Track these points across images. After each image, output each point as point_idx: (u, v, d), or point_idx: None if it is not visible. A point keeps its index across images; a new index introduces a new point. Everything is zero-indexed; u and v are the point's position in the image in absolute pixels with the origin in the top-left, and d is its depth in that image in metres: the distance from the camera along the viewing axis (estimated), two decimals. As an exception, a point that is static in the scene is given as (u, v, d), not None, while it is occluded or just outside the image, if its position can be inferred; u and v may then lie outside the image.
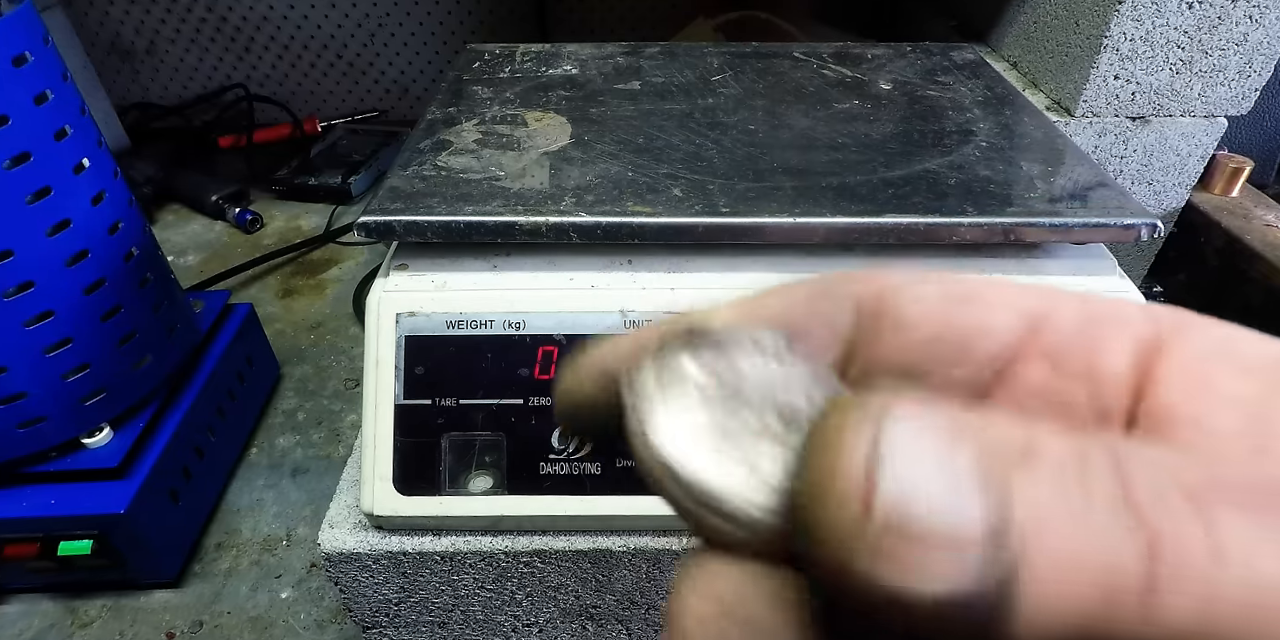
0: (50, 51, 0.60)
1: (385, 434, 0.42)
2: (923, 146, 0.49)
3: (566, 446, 0.42)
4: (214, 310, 0.84)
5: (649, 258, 0.44)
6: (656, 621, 0.49)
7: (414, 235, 0.42)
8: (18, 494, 0.64)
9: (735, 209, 0.42)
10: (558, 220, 0.41)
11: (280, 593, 0.72)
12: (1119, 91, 0.75)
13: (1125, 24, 0.70)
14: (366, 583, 0.46)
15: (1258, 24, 0.71)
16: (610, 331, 0.42)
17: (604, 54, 0.64)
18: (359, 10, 1.39)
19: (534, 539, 0.44)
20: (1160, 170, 0.81)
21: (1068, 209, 0.43)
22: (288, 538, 0.77)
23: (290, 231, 1.23)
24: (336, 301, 1.09)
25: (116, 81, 1.45)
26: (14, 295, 0.57)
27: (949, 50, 0.65)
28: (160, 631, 0.69)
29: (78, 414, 0.65)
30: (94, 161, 0.63)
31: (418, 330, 0.42)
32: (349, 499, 0.46)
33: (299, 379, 0.96)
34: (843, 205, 0.43)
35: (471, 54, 0.65)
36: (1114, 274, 0.43)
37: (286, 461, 0.85)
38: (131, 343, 0.67)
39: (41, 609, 0.70)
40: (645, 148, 0.49)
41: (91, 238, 0.62)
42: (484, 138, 0.50)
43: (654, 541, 0.44)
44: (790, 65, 0.62)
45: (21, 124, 0.56)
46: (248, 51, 1.43)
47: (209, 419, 0.77)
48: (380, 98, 1.50)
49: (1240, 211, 0.93)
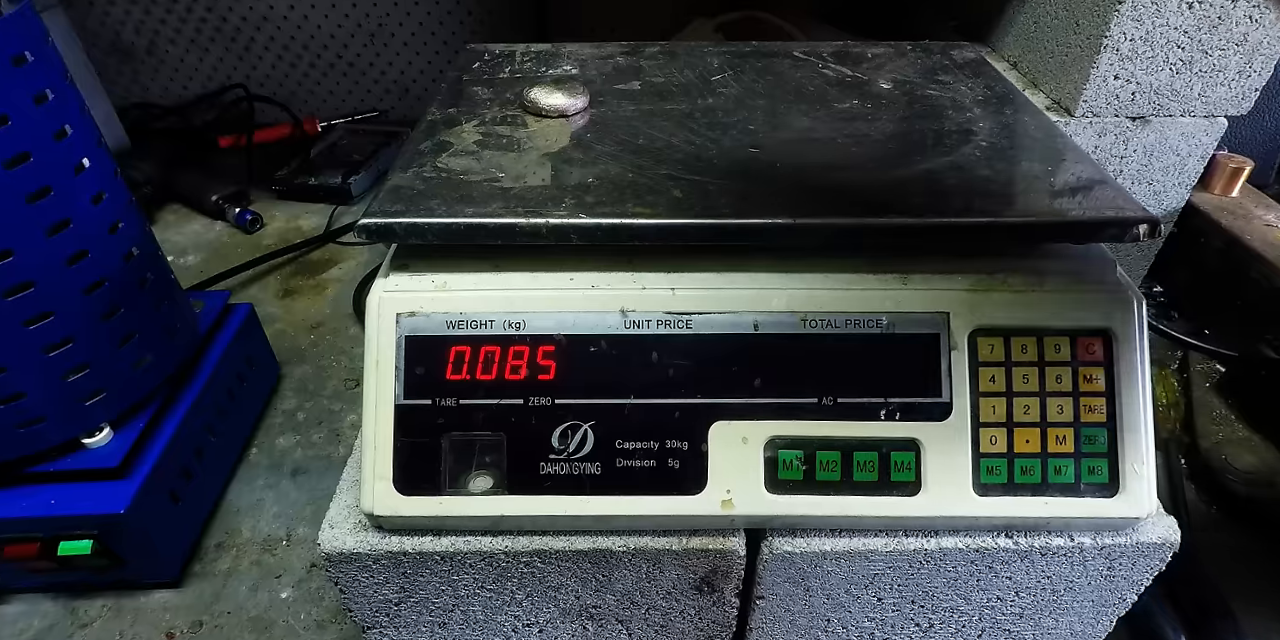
0: (50, 51, 0.60)
1: (385, 434, 0.42)
2: (923, 146, 0.49)
3: (566, 446, 0.42)
4: (214, 310, 0.84)
5: (649, 258, 0.44)
6: (657, 621, 0.49)
7: (415, 237, 0.42)
8: (18, 494, 0.64)
9: (735, 210, 0.42)
10: (558, 222, 0.41)
11: (280, 593, 0.72)
12: (1119, 91, 0.75)
13: (1125, 24, 0.70)
14: (366, 583, 0.46)
15: (1258, 24, 0.71)
16: (610, 331, 0.42)
17: (604, 54, 0.64)
18: (359, 10, 1.39)
19: (534, 539, 0.44)
20: (1160, 170, 0.81)
21: (1068, 209, 0.43)
22: (288, 538, 0.77)
23: (290, 231, 1.23)
24: (336, 301, 1.09)
25: (116, 81, 1.45)
26: (14, 295, 0.57)
27: (949, 49, 0.65)
28: (160, 631, 0.69)
29: (78, 414, 0.65)
30: (94, 161, 0.63)
31: (418, 330, 0.42)
32: (349, 499, 0.46)
33: (299, 379, 0.96)
34: (843, 205, 0.43)
35: (471, 54, 0.65)
36: (1114, 274, 0.43)
37: (286, 461, 0.85)
38: (131, 343, 0.67)
39: (41, 609, 0.70)
40: (645, 148, 0.49)
41: (91, 238, 0.62)
42: (484, 139, 0.50)
43: (654, 541, 0.44)
44: (790, 65, 0.62)
45: (21, 124, 0.56)
46: (248, 51, 1.43)
47: (209, 419, 0.77)
48: (380, 98, 1.50)
49: (1240, 211, 0.93)
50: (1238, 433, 0.82)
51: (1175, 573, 0.48)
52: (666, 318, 0.42)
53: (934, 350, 0.42)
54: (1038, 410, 0.42)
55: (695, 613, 0.49)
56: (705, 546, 0.44)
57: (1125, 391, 0.42)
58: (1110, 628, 0.50)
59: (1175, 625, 0.63)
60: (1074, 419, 0.42)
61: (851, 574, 0.46)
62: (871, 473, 0.42)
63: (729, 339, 0.42)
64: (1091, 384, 0.42)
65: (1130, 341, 0.42)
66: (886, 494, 0.42)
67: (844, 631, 0.50)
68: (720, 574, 0.46)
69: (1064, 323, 0.42)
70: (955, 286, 0.42)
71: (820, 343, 0.42)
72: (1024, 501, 0.42)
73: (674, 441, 0.42)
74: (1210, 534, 0.75)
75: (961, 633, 0.50)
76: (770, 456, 0.42)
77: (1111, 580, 0.46)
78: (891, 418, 0.42)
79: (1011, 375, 0.42)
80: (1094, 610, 0.49)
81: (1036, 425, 0.42)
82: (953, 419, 0.42)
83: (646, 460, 0.42)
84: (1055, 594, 0.47)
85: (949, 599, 0.47)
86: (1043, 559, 0.45)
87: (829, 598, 0.47)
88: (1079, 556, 0.44)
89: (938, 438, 0.42)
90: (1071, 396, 0.42)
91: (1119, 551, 0.44)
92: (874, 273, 0.43)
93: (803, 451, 0.42)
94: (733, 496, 0.42)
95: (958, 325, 0.42)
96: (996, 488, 0.42)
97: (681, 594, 0.47)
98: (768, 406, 0.42)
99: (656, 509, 0.42)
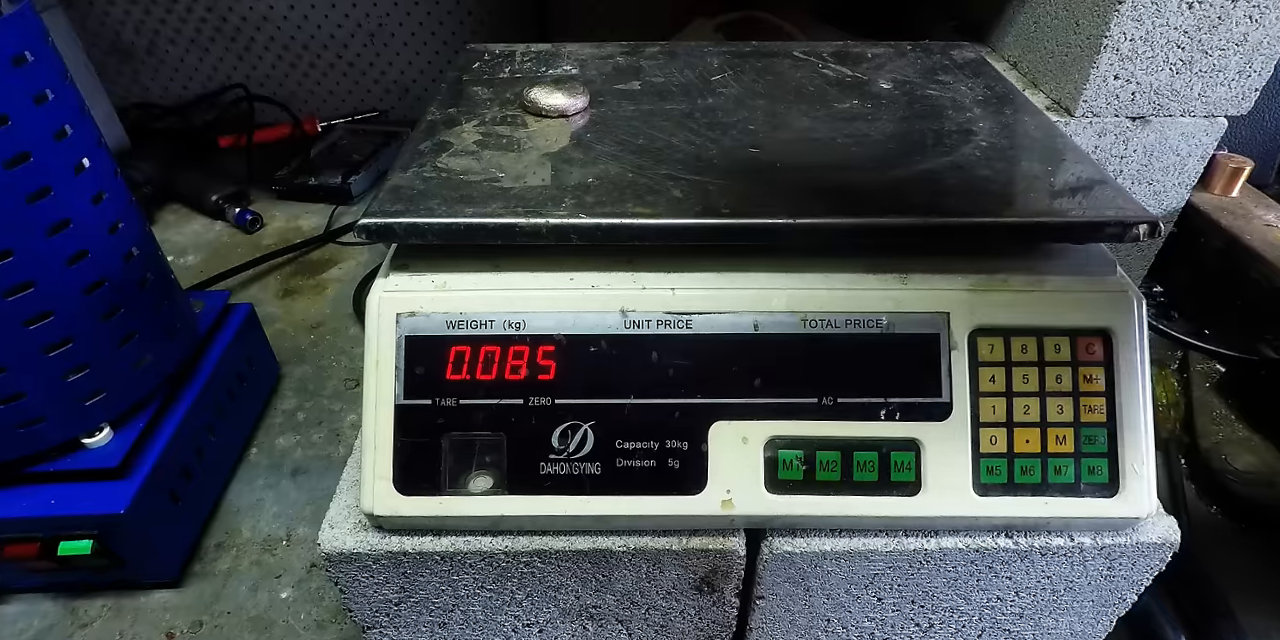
0: (50, 51, 0.60)
1: (385, 434, 0.42)
2: (923, 146, 0.49)
3: (566, 446, 0.42)
4: (214, 310, 0.84)
5: (649, 258, 0.44)
6: (657, 621, 0.49)
7: (415, 237, 0.42)
8: (18, 494, 0.64)
9: (735, 210, 0.42)
10: (558, 222, 0.41)
11: (280, 593, 0.72)
12: (1119, 91, 0.75)
13: (1125, 24, 0.70)
14: (366, 583, 0.46)
15: (1258, 24, 0.71)
16: (610, 331, 0.42)
17: (604, 54, 0.64)
18: (359, 10, 1.39)
19: (534, 539, 0.44)
20: (1160, 170, 0.81)
21: (1068, 209, 0.43)
22: (288, 538, 0.77)
23: (290, 231, 1.23)
24: (336, 301, 1.09)
25: (116, 81, 1.45)
26: (14, 295, 0.57)
27: (949, 49, 0.65)
28: (160, 631, 0.69)
29: (78, 414, 0.65)
30: (94, 161, 0.63)
31: (418, 330, 0.42)
32: (349, 499, 0.46)
33: (299, 379, 0.96)
34: (843, 205, 0.43)
35: (471, 54, 0.65)
36: (1114, 274, 0.43)
37: (286, 461, 0.85)
38: (131, 343, 0.67)
39: (41, 609, 0.70)
40: (645, 148, 0.49)
41: (91, 238, 0.62)
42: (484, 139, 0.50)
43: (654, 541, 0.44)
44: (790, 65, 0.62)
45: (21, 124, 0.56)
46: (248, 51, 1.43)
47: (209, 419, 0.77)
48: (380, 98, 1.50)
49: (1240, 211, 0.93)
50: (1238, 433, 0.82)
51: (1175, 573, 0.48)
52: (666, 318, 0.42)
53: (934, 350, 0.42)
54: (1038, 410, 0.42)
55: (695, 613, 0.49)
56: (705, 546, 0.44)
57: (1125, 391, 0.42)
58: (1110, 628, 0.50)
59: (1175, 625, 0.63)
60: (1074, 419, 0.42)
61: (851, 574, 0.46)
62: (871, 473, 0.42)
63: (729, 339, 0.42)
64: (1091, 384, 0.42)
65: (1130, 341, 0.42)
66: (886, 494, 0.42)
67: (844, 631, 0.50)
68: (720, 574, 0.46)
69: (1064, 323, 0.42)
70: (955, 286, 0.42)
71: (820, 343, 0.42)
72: (1024, 501, 0.42)
73: (674, 441, 0.42)
74: (1210, 534, 0.75)
75: (961, 633, 0.50)
76: (770, 456, 0.42)
77: (1111, 580, 0.46)
78: (891, 418, 0.42)
79: (1011, 375, 0.42)
80: (1094, 610, 0.49)
81: (1036, 425, 0.42)
82: (953, 419, 0.42)
83: (646, 460, 0.42)
84: (1055, 594, 0.47)
85: (949, 599, 0.47)
86: (1043, 559, 0.45)
87: (829, 598, 0.47)
88: (1079, 556, 0.44)
89: (938, 438, 0.42)
90: (1071, 396, 0.42)
91: (1119, 551, 0.44)
92: (874, 273, 0.43)
93: (803, 451, 0.42)
94: (733, 496, 0.42)
95: (958, 325, 0.42)
96: (996, 488, 0.42)
97: (681, 594, 0.47)
98: (768, 406, 0.42)
99: (656, 509, 0.42)
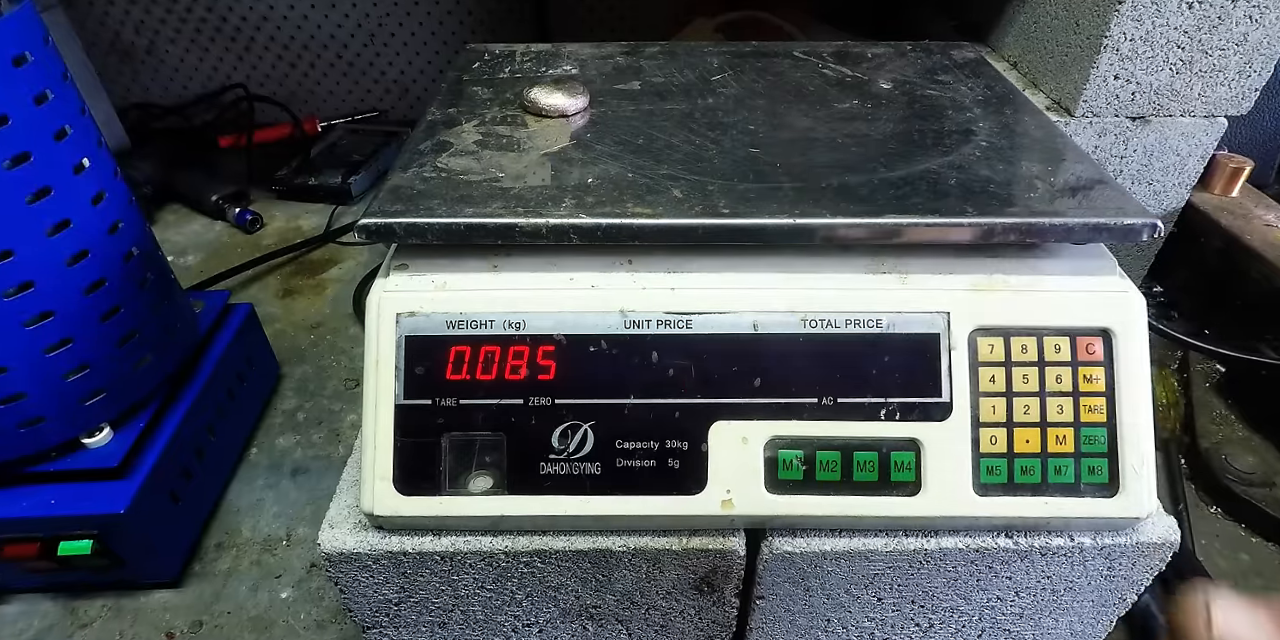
0: (50, 51, 0.60)
1: (385, 434, 0.42)
2: (923, 146, 0.49)
3: (566, 446, 0.42)
4: (214, 310, 0.84)
5: (649, 258, 0.44)
6: (657, 621, 0.49)
7: (414, 237, 0.42)
8: (18, 494, 0.64)
9: (735, 210, 0.42)
10: (558, 222, 0.41)
11: (280, 593, 0.72)
12: (1119, 91, 0.75)
13: (1125, 24, 0.70)
14: (366, 583, 0.46)
15: (1258, 24, 0.71)
16: (610, 331, 0.42)
17: (604, 54, 0.64)
18: (359, 10, 1.39)
19: (534, 539, 0.44)
20: (1160, 170, 0.81)
21: (1068, 209, 0.43)
22: (288, 538, 0.77)
23: (290, 231, 1.23)
24: (336, 301, 1.09)
25: (116, 81, 1.45)
26: (14, 295, 0.57)
27: (949, 49, 0.65)
28: (160, 631, 0.69)
29: (78, 414, 0.65)
30: (94, 161, 0.63)
31: (418, 330, 0.42)
32: (349, 499, 0.46)
33: (299, 379, 0.96)
34: (843, 205, 0.43)
35: (471, 54, 0.65)
36: (1114, 274, 0.43)
37: (286, 461, 0.85)
38: (131, 343, 0.67)
39: (41, 609, 0.70)
40: (645, 148, 0.49)
41: (91, 238, 0.62)
42: (484, 139, 0.50)
43: (654, 541, 0.44)
44: (790, 65, 0.62)
45: (21, 124, 0.56)
46: (248, 51, 1.43)
47: (209, 419, 0.77)
48: (380, 98, 1.50)
49: (1240, 211, 0.93)
50: (1238, 433, 0.82)
51: (1175, 573, 0.48)
52: (666, 318, 0.42)
53: (934, 350, 0.42)
54: (1038, 410, 0.42)
55: (695, 613, 0.49)
56: (705, 546, 0.44)
57: (1125, 391, 0.42)
58: (1110, 627, 0.50)
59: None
60: (1074, 419, 0.42)
61: (851, 574, 0.46)
62: (871, 473, 0.42)
63: (729, 339, 0.42)
64: (1091, 384, 0.42)
65: (1130, 341, 0.42)
66: (886, 494, 0.42)
67: (844, 631, 0.50)
68: (720, 574, 0.46)
69: (1064, 323, 0.42)
70: (955, 286, 0.42)
71: (820, 343, 0.42)
72: (1024, 501, 0.42)
73: (674, 441, 0.42)
74: (1210, 534, 0.75)
75: (961, 633, 0.50)
76: (770, 456, 0.42)
77: (1111, 580, 0.46)
78: (891, 418, 0.42)
79: (1011, 375, 0.42)
80: (1094, 610, 0.49)
81: (1036, 425, 0.42)
82: (953, 419, 0.42)
83: (646, 460, 0.42)
84: (1055, 594, 0.47)
85: (949, 599, 0.47)
86: (1043, 559, 0.45)
87: (829, 598, 0.47)
88: (1079, 556, 0.44)
89: (938, 438, 0.42)
90: (1071, 396, 0.42)
91: (1119, 551, 0.44)
92: (874, 273, 0.43)
93: (803, 451, 0.42)
94: (733, 496, 0.42)
95: (958, 325, 0.42)
96: (996, 488, 0.42)
97: (681, 594, 0.47)
98: (768, 406, 0.42)
99: (656, 509, 0.42)
